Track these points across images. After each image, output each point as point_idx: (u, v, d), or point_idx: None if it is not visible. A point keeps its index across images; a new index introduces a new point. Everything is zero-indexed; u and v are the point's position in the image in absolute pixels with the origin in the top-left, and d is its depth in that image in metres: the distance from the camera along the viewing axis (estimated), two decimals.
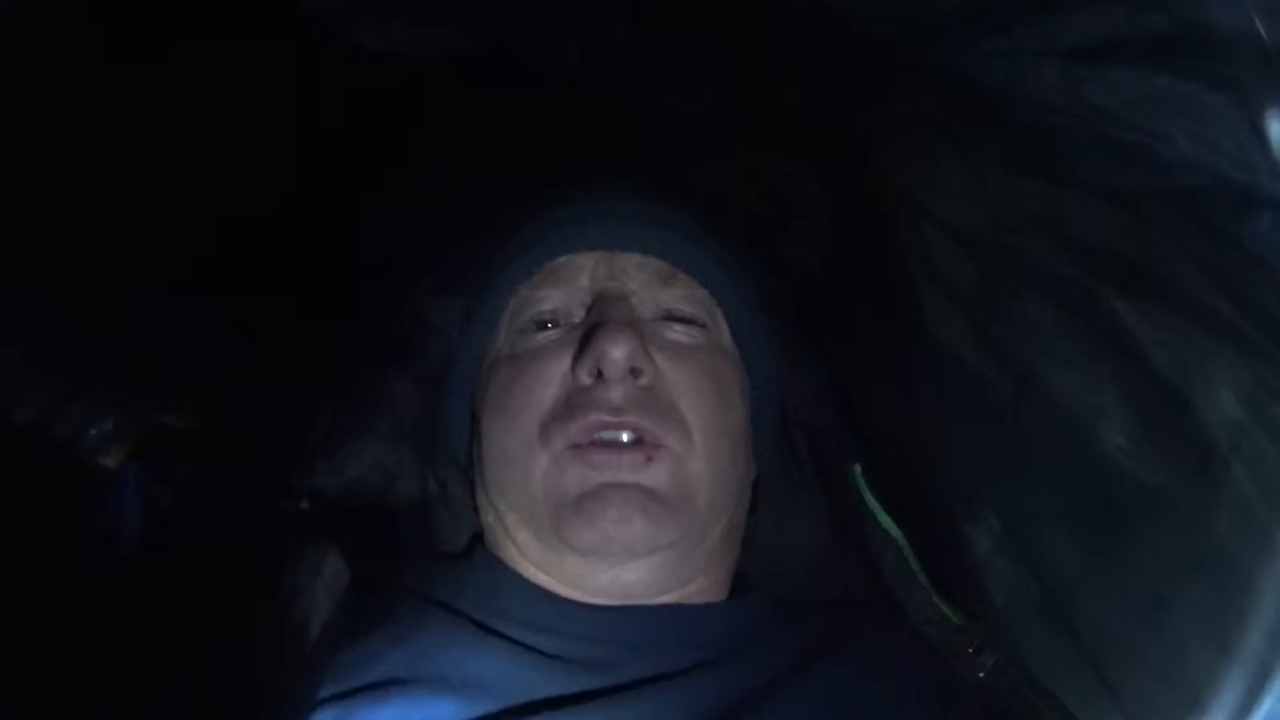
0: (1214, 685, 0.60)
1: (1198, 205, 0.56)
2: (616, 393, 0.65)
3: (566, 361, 0.67)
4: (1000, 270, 0.65)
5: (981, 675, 0.67)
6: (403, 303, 0.79)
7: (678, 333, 0.71)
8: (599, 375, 0.65)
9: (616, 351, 0.64)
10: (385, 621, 0.66)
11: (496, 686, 0.61)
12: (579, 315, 0.70)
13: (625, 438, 0.66)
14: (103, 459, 0.60)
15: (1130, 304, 0.62)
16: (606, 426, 0.65)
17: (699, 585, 0.71)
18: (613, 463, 0.64)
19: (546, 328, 0.71)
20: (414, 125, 0.76)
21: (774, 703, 0.62)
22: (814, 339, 0.82)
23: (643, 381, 0.66)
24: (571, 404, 0.66)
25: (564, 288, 0.71)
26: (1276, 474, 0.59)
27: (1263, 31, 0.48)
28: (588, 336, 0.67)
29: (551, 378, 0.67)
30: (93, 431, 0.60)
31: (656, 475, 0.65)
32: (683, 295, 0.72)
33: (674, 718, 0.60)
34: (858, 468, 0.74)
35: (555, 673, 0.62)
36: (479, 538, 0.76)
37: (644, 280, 0.72)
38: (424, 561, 0.75)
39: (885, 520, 0.72)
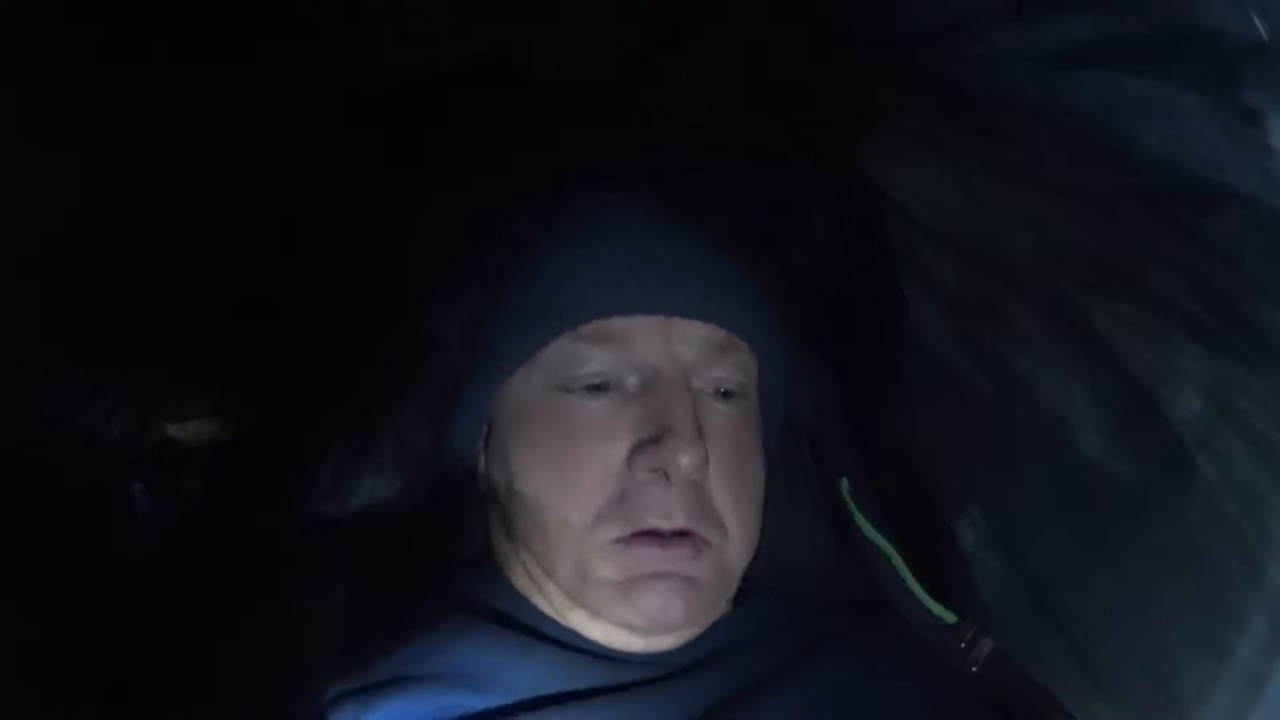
0: (1197, 682, 0.61)
1: (1169, 204, 0.59)
2: (673, 494, 0.64)
3: (624, 445, 0.65)
4: (983, 275, 0.67)
5: (975, 669, 0.67)
6: (404, 317, 0.77)
7: (721, 412, 0.69)
8: (660, 473, 0.64)
9: (686, 459, 0.63)
10: (393, 624, 0.65)
11: (505, 679, 0.61)
12: (631, 382, 0.68)
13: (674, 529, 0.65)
14: (110, 471, 0.59)
15: (1101, 303, 0.64)
16: (658, 532, 0.64)
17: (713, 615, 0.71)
18: (661, 557, 0.63)
19: (596, 390, 0.68)
20: (413, 132, 0.75)
21: (775, 698, 0.62)
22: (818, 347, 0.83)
23: (695, 478, 0.65)
24: (625, 503, 0.64)
25: (615, 351, 0.68)
26: (1244, 471, 0.61)
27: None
28: (656, 436, 0.64)
29: (608, 464, 0.65)
30: (100, 443, 0.59)
31: (702, 568, 0.64)
32: (735, 364, 0.70)
33: (679, 712, 0.60)
34: (845, 482, 0.74)
35: (564, 667, 0.63)
36: (487, 553, 0.74)
37: (701, 351, 0.69)
38: (436, 570, 0.73)
39: (871, 533, 0.72)
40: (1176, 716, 0.65)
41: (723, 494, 0.66)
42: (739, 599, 0.74)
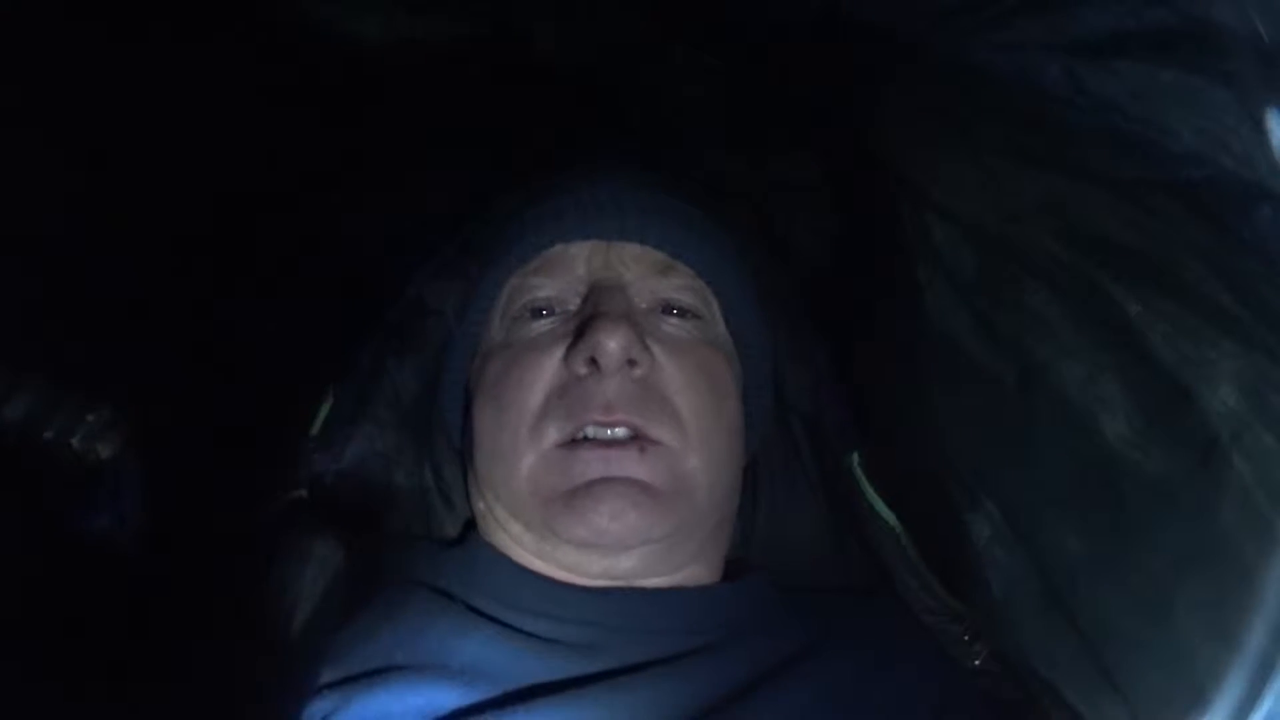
0: (1217, 679, 0.60)
1: (1201, 198, 0.56)
2: (611, 386, 0.65)
3: (560, 352, 0.67)
4: (1003, 260, 0.65)
5: (977, 663, 0.67)
6: (402, 288, 0.79)
7: (673, 325, 0.71)
8: (593, 365, 0.65)
9: (612, 343, 0.64)
10: (381, 608, 0.66)
11: (493, 671, 0.61)
12: (574, 304, 0.70)
13: (619, 433, 0.66)
14: (100, 453, 0.60)
15: (1133, 295, 0.62)
16: (599, 425, 0.65)
17: (692, 572, 0.71)
18: (605, 458, 0.64)
19: (541, 315, 0.71)
20: (414, 110, 0.76)
21: (772, 689, 0.62)
22: (817, 327, 0.83)
23: (638, 373, 0.66)
24: (565, 399, 0.66)
25: (559, 276, 0.71)
26: (1278, 467, 0.59)
27: (1263, 31, 0.48)
28: (583, 327, 0.66)
29: (544, 369, 0.67)
30: (90, 418, 0.59)
31: (651, 469, 0.65)
32: (680, 285, 0.72)
33: (671, 702, 0.60)
34: (855, 456, 0.74)
35: (551, 657, 0.63)
36: (472, 523, 0.76)
37: (641, 271, 0.71)
38: (419, 548, 0.75)
39: (882, 509, 0.72)
40: (1192, 712, 0.64)
41: (680, 397, 0.67)
42: (732, 575, 0.75)
